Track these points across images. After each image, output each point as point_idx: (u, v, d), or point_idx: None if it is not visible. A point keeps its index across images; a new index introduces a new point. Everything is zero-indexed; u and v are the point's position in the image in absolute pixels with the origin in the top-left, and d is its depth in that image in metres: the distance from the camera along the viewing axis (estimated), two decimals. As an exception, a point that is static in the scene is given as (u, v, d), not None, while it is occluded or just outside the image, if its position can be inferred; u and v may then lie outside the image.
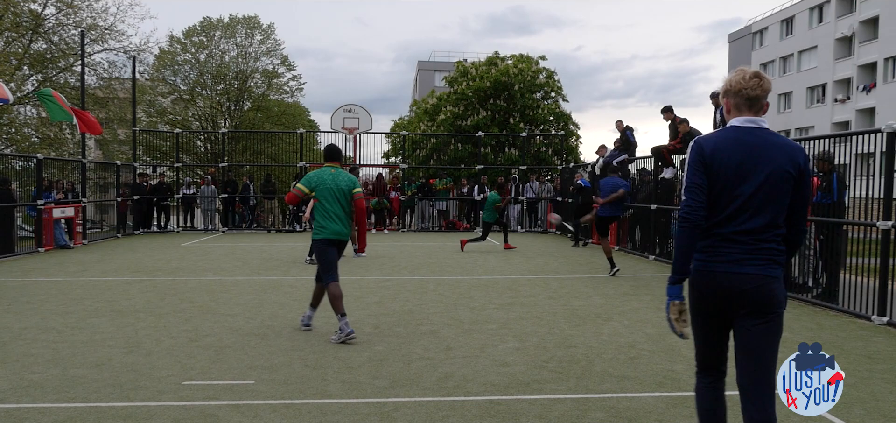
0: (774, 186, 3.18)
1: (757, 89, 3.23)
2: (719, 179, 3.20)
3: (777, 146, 3.21)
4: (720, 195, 3.21)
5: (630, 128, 17.27)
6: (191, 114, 42.09)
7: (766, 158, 3.18)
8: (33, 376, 5.77)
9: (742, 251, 3.21)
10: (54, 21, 28.35)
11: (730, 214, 3.21)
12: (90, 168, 22.93)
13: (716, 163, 3.20)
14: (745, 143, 3.20)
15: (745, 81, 3.24)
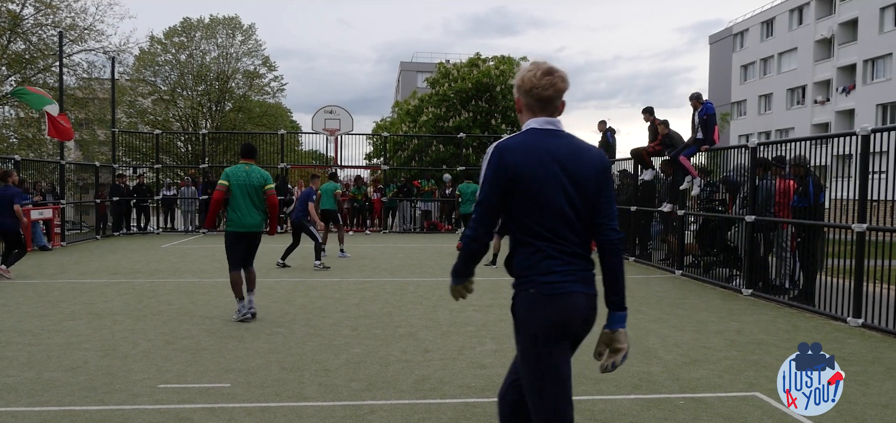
0: (583, 209, 2.91)
1: (549, 90, 2.94)
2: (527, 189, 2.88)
3: (580, 150, 2.94)
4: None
5: (611, 129, 17.34)
6: (171, 114, 41.88)
7: (578, 175, 2.89)
8: (8, 379, 5.72)
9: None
10: (33, 21, 28.11)
11: None
12: (69, 169, 22.75)
13: (521, 174, 2.86)
14: (544, 148, 2.88)
15: (536, 79, 2.95)
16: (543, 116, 2.96)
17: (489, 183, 2.87)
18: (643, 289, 11.02)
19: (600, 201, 2.91)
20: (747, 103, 61.78)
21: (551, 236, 2.85)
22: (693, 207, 12.76)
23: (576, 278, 2.86)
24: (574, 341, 2.98)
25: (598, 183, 2.90)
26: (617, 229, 2.95)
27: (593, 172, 2.90)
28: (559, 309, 2.83)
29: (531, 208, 2.84)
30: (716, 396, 5.41)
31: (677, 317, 8.69)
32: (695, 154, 12.52)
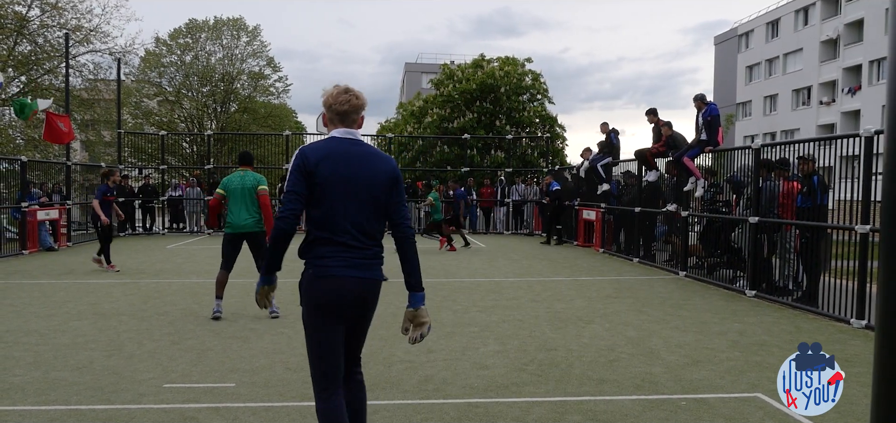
0: (369, 203, 3.44)
1: (345, 105, 3.48)
2: (321, 185, 3.38)
3: (373, 156, 3.50)
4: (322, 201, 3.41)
5: (615, 130, 17.36)
6: (177, 115, 41.99)
7: (364, 166, 3.44)
8: (14, 378, 5.78)
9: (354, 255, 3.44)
10: (39, 23, 28.21)
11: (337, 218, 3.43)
12: (75, 170, 22.81)
13: (319, 172, 3.37)
14: (339, 152, 3.42)
15: (334, 97, 3.49)
16: (343, 127, 3.51)
17: (294, 177, 3.38)
18: (646, 290, 11.04)
19: (393, 203, 3.51)
20: (752, 104, 61.70)
21: (330, 227, 3.37)
22: (697, 208, 12.77)
23: (347, 264, 3.36)
24: (349, 317, 3.46)
25: (388, 187, 3.48)
26: (410, 225, 3.56)
27: (383, 178, 3.47)
28: (328, 288, 3.36)
29: (318, 202, 3.38)
30: (718, 397, 5.43)
31: (680, 318, 8.71)
32: (699, 155, 12.53)
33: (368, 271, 3.45)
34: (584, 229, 18.95)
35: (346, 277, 3.37)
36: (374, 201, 3.44)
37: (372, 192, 3.43)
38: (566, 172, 22.43)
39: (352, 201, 3.39)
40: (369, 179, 3.42)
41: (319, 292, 3.38)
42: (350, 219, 3.39)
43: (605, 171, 17.21)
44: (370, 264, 3.47)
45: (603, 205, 17.31)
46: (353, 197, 3.39)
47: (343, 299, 3.40)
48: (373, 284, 3.49)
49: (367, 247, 3.45)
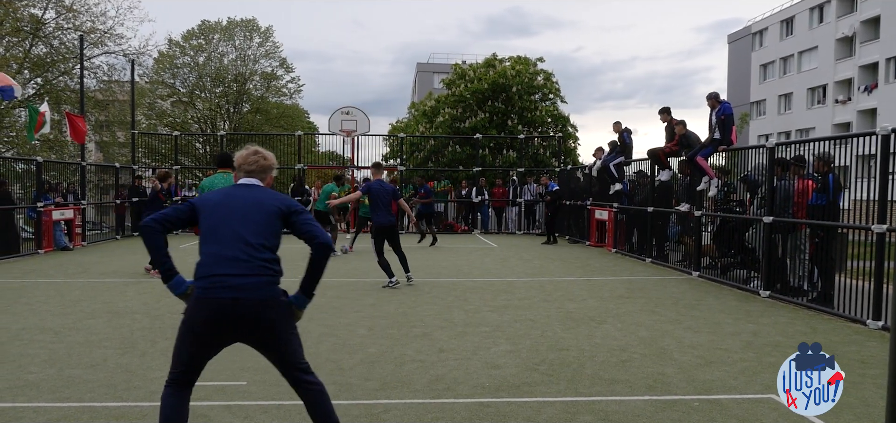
0: (263, 219, 3.78)
1: (253, 166, 3.95)
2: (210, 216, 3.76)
3: (263, 197, 3.86)
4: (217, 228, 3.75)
5: (627, 130, 17.29)
6: (190, 116, 42.21)
7: (255, 200, 3.83)
8: (30, 376, 5.82)
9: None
10: (54, 25, 28.44)
11: None
12: (90, 170, 23.01)
13: (205, 205, 3.82)
14: (237, 194, 3.86)
15: (243, 158, 3.98)
16: (246, 179, 3.95)
17: (186, 204, 3.86)
18: (659, 290, 10.99)
19: (295, 228, 3.81)
20: (766, 103, 61.35)
21: (216, 251, 3.67)
22: (710, 207, 12.71)
23: (224, 286, 3.58)
24: (229, 333, 3.71)
25: (284, 217, 3.82)
26: (318, 237, 3.78)
27: (274, 211, 3.80)
28: (204, 307, 3.62)
29: (207, 232, 3.73)
30: (731, 398, 5.40)
31: (693, 318, 8.67)
32: (712, 155, 12.46)
33: (247, 292, 3.66)
34: (597, 228, 18.89)
35: (223, 299, 3.66)
36: (263, 231, 3.79)
37: (259, 223, 3.78)
38: (578, 171, 22.36)
39: (236, 231, 3.76)
40: (259, 213, 3.80)
41: (198, 307, 3.73)
42: (233, 245, 3.74)
43: (618, 170, 17.14)
44: (253, 285, 3.70)
45: (615, 205, 17.26)
46: (238, 228, 3.75)
47: (217, 316, 3.69)
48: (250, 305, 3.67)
49: (251, 272, 3.69)
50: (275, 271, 3.74)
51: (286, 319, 3.77)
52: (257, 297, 3.61)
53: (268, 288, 3.67)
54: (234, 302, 3.57)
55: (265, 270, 3.67)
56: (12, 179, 18.55)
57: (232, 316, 3.60)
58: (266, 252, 3.72)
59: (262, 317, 3.64)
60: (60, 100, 27.91)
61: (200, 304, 3.64)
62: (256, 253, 3.67)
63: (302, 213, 3.86)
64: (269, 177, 4.01)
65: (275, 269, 3.75)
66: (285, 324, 3.76)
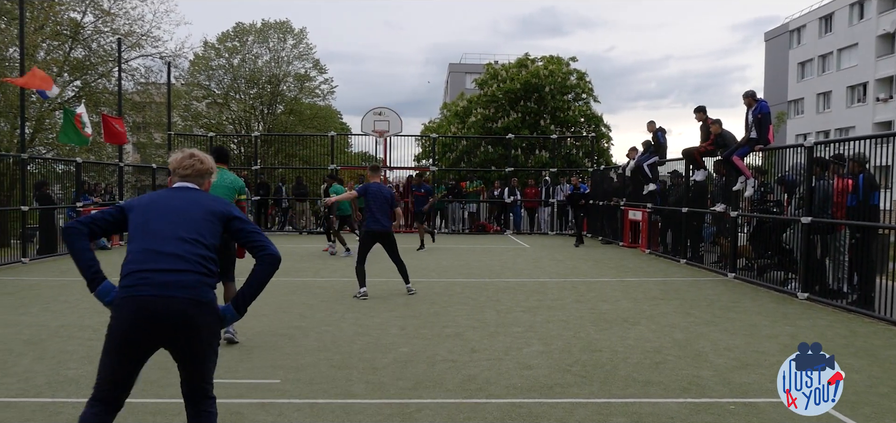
0: (200, 215, 3.49)
1: (188, 170, 3.69)
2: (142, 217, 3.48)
3: (202, 194, 3.64)
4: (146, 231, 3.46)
5: (661, 129, 17.13)
6: (225, 117, 42.67)
7: (192, 199, 3.56)
8: (69, 372, 5.93)
9: None
10: (93, 29, 28.92)
11: None
12: (127, 171, 23.37)
13: (135, 206, 3.55)
14: (171, 194, 3.60)
15: (178, 162, 3.72)
16: (181, 182, 3.68)
17: (115, 207, 3.61)
18: (694, 292, 10.86)
19: (239, 235, 3.56)
20: (805, 102, 60.35)
21: (145, 246, 3.37)
22: (746, 208, 12.53)
23: (151, 283, 3.26)
24: (152, 338, 3.34)
25: (224, 220, 3.53)
26: (267, 248, 3.48)
27: (214, 211, 3.52)
28: (127, 307, 3.29)
29: (136, 229, 3.45)
30: (768, 401, 5.31)
31: (729, 321, 8.55)
32: (748, 154, 12.28)
33: (174, 291, 3.35)
34: (630, 229, 18.74)
35: (148, 297, 3.40)
36: (201, 233, 3.50)
37: (196, 225, 3.49)
38: (611, 171, 22.19)
39: (165, 233, 3.48)
40: (193, 213, 3.52)
41: (122, 309, 3.44)
42: (163, 244, 3.46)
43: (652, 170, 16.99)
44: (176, 283, 3.40)
45: (649, 205, 17.10)
46: (168, 230, 3.47)
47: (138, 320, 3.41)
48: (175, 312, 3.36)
49: (181, 272, 3.40)
50: (210, 270, 3.40)
51: (212, 330, 3.40)
52: (187, 296, 3.26)
53: (200, 288, 3.31)
54: (159, 300, 3.23)
55: (199, 267, 3.34)
56: (53, 179, 18.95)
57: (156, 316, 3.24)
58: (202, 248, 3.39)
59: (189, 320, 3.27)
60: (99, 102, 28.38)
61: (123, 305, 3.29)
62: (191, 248, 3.35)
63: (245, 221, 3.60)
64: (207, 182, 3.76)
65: (210, 269, 3.41)
66: (210, 335, 3.40)
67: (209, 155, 3.86)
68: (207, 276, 3.38)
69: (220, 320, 3.44)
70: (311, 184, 27.12)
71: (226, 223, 3.54)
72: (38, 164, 19.34)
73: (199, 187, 3.70)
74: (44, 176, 18.14)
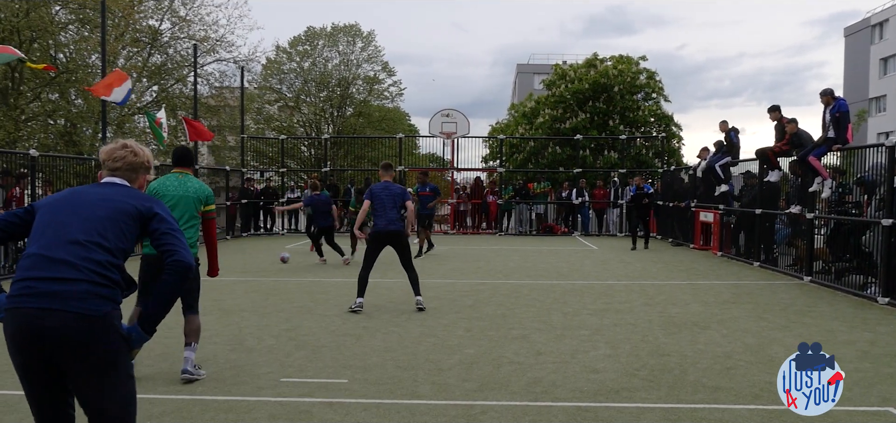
0: (108, 215, 3.03)
1: (119, 162, 3.23)
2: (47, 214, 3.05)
3: (120, 191, 3.16)
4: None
5: (734, 129, 16.73)
6: (296, 120, 43.53)
7: (104, 196, 3.09)
8: (146, 369, 6.15)
9: None
10: (170, 35, 29.91)
11: None
12: (203, 173, 24.04)
13: (44, 204, 3.08)
14: (86, 190, 3.12)
15: (108, 152, 3.26)
16: (109, 176, 3.25)
17: (23, 208, 3.15)
18: (768, 296, 10.58)
19: (153, 236, 3.08)
20: (887, 99, 57.92)
21: (36, 250, 2.90)
22: (823, 210, 12.13)
23: (33, 292, 2.80)
24: (38, 359, 2.82)
25: (143, 220, 3.08)
26: (175, 253, 3.02)
27: (128, 210, 3.06)
28: (8, 323, 2.83)
29: (35, 232, 2.98)
30: (844, 410, 5.14)
31: (804, 325, 8.30)
32: (825, 154, 11.89)
33: (64, 303, 2.84)
34: (702, 231, 18.35)
35: (31, 309, 2.92)
36: (106, 234, 3.03)
37: (102, 225, 3.03)
38: (682, 172, 21.77)
39: (72, 234, 3.03)
40: (101, 212, 3.06)
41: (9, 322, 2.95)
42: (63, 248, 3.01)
43: (724, 171, 16.60)
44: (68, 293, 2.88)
45: (721, 206, 16.71)
46: (74, 229, 3.02)
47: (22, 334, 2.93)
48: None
49: (78, 281, 2.91)
50: (108, 280, 2.89)
51: (112, 351, 2.84)
52: (71, 309, 2.75)
53: (91, 300, 2.80)
54: (39, 314, 2.74)
55: (92, 276, 2.84)
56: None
57: (36, 333, 2.75)
58: (100, 253, 2.90)
59: (72, 339, 2.75)
60: (176, 106, 29.34)
61: (7, 320, 2.82)
62: (85, 253, 2.86)
63: (167, 222, 3.11)
64: (141, 178, 3.35)
65: (109, 278, 2.89)
66: (107, 360, 2.84)
67: (146, 148, 3.40)
68: (103, 286, 2.87)
69: (124, 341, 2.91)
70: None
71: (144, 224, 3.09)
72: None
73: (129, 184, 3.25)
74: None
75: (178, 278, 3.01)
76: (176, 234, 3.10)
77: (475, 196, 25.71)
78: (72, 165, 17.00)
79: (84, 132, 26.22)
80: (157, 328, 3.05)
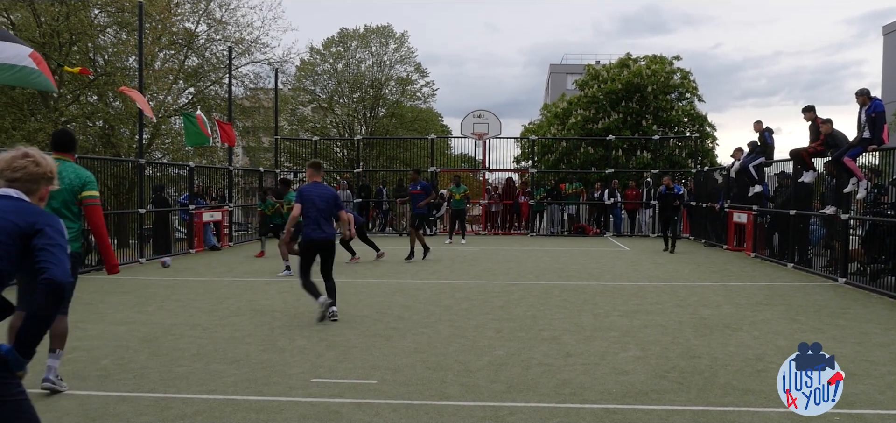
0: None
1: (19, 172, 3.03)
2: None
3: (10, 205, 2.94)
4: None
5: (769, 129, 16.53)
6: (329, 121, 43.83)
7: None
8: (180, 368, 6.28)
9: None
10: (205, 37, 30.29)
11: None
12: (237, 174, 24.38)
13: None
14: None
15: (7, 161, 3.06)
16: (5, 188, 3.03)
17: None
18: (801, 297, 10.45)
19: (32, 253, 2.85)
20: (928, 98, 56.66)
21: None
22: (859, 211, 11.95)
23: None
24: None
25: (26, 237, 2.86)
26: (48, 271, 2.79)
27: (10, 229, 2.84)
28: None
29: None
30: (876, 413, 5.09)
31: (838, 328, 8.19)
32: (861, 154, 11.71)
33: None
34: (735, 232, 18.15)
35: None
36: None
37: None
38: (716, 172, 21.54)
39: None
40: None
41: None
42: None
43: (758, 171, 16.41)
44: None
45: (755, 207, 16.52)
46: None
47: None
48: None
49: None
50: None
51: None
52: None
53: None
54: None
55: None
56: (167, 183, 20.03)
57: None
58: None
59: None
60: (211, 108, 29.72)
61: None
62: None
63: (49, 237, 2.90)
64: (43, 190, 3.14)
65: None
66: None
67: (49, 157, 3.20)
68: None
69: (2, 364, 2.73)
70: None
71: (27, 241, 2.88)
72: (155, 168, 20.45)
73: (27, 196, 3.05)
74: (160, 180, 19.20)
75: (48, 299, 2.76)
76: (53, 249, 2.87)
77: (507, 197, 25.70)
78: (109, 166, 17.33)
79: (122, 134, 26.68)
80: (36, 350, 2.80)
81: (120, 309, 9.40)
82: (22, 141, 22.33)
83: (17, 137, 22.90)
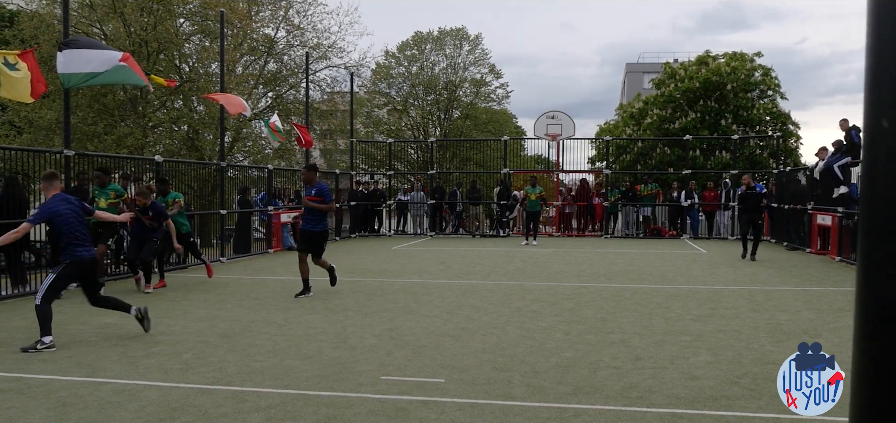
0: None
1: None
2: None
3: None
4: None
5: (856, 127, 15.93)
6: (404, 123, 44.30)
7: None
8: (256, 363, 6.50)
9: None
10: (284, 43, 31.07)
11: None
12: (314, 176, 24.91)
13: None
14: None
15: None
16: None
17: None
18: None
19: None
20: None
21: None
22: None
23: None
24: None
25: None
26: None
27: None
28: None
29: None
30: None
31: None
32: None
33: None
34: (819, 235, 17.56)
35: None
36: None
37: None
38: (800, 173, 20.88)
39: None
40: None
41: None
42: None
43: (844, 172, 15.85)
44: None
45: (840, 209, 15.95)
46: None
47: None
48: None
49: None
50: None
51: None
52: None
53: None
54: None
55: None
56: (249, 185, 20.67)
57: None
58: None
59: None
60: (289, 112, 30.47)
61: None
62: None
63: None
64: None
65: None
66: None
67: None
68: None
69: None
70: (485, 188, 27.58)
71: None
72: (236, 170, 21.12)
73: None
74: (243, 182, 19.83)
75: None
76: None
77: (581, 198, 25.49)
78: (192, 168, 17.98)
79: (205, 138, 27.62)
80: None
81: (202, 306, 9.78)
82: (113, 145, 23.45)
83: (108, 141, 24.03)
